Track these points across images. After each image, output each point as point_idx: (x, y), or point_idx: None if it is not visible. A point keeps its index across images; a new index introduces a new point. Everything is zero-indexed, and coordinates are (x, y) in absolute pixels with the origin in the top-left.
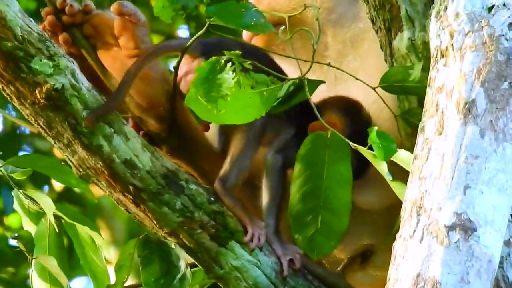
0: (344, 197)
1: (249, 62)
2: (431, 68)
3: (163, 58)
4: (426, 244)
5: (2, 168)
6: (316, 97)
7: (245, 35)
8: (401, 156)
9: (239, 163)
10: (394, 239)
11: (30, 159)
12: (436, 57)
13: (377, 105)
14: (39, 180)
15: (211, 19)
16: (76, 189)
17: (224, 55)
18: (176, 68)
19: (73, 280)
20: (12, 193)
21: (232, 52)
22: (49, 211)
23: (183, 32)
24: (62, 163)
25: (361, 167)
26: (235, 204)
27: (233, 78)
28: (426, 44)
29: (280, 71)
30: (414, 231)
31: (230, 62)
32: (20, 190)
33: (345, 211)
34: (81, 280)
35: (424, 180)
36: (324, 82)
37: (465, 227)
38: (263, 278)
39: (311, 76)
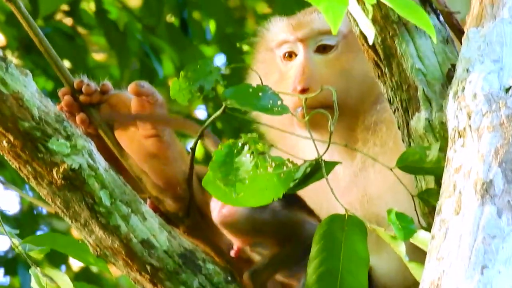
0: (361, 277)
1: (267, 144)
2: (448, 148)
3: (180, 138)
4: None
5: (19, 247)
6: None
7: None
8: (420, 237)
9: (279, 264)
10: None
11: (47, 237)
12: (454, 137)
13: (395, 186)
14: (56, 260)
15: (228, 102)
16: (94, 269)
17: None
18: (193, 149)
19: None
20: (30, 271)
21: (249, 135)
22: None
23: (201, 112)
24: (80, 242)
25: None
26: None
27: (250, 161)
28: (443, 124)
29: None
30: None
31: (247, 145)
32: (38, 268)
33: None
34: None
35: (442, 260)
36: (340, 163)
37: None
38: None
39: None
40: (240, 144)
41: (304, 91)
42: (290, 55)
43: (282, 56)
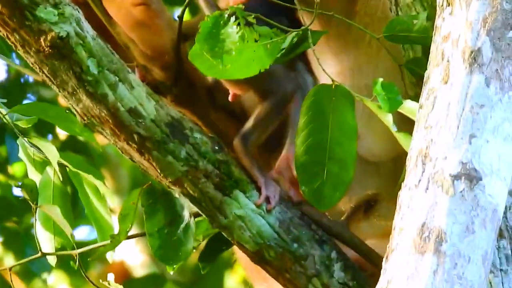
0: (350, 147)
1: (253, 15)
2: (436, 17)
3: (168, 6)
4: (431, 193)
5: (6, 116)
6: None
7: None
8: (407, 106)
9: (264, 124)
10: (399, 188)
11: (35, 107)
12: (442, 5)
13: (381, 55)
14: (43, 129)
15: None
16: (81, 138)
17: None
18: (181, 17)
19: (77, 229)
20: (17, 141)
21: (235, 6)
22: (54, 159)
23: None
24: (67, 111)
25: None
26: (252, 164)
27: (237, 33)
28: None
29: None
30: (420, 181)
31: (234, 16)
32: (25, 138)
33: (351, 162)
34: (84, 229)
35: (430, 129)
36: (328, 32)
37: (470, 176)
38: (267, 227)
39: None
40: (226, 15)
41: None
42: None
43: None
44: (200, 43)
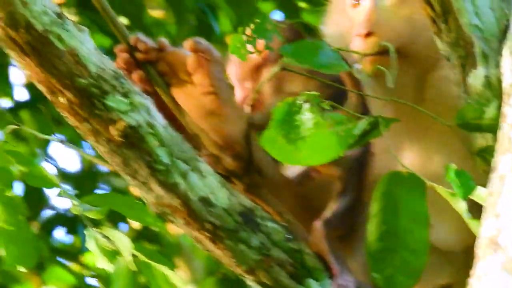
0: (422, 235)
1: (327, 102)
2: (503, 104)
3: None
4: (502, 282)
5: (78, 207)
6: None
7: None
8: (479, 193)
9: (343, 206)
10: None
11: (106, 198)
12: (509, 93)
13: (451, 143)
14: (117, 218)
15: (286, 59)
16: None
17: None
18: (252, 105)
19: None
20: (85, 232)
21: (310, 93)
22: (126, 250)
23: None
24: (138, 201)
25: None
26: (330, 250)
27: (311, 120)
28: (500, 81)
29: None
30: (490, 268)
31: (307, 103)
32: (96, 229)
33: (424, 249)
34: None
35: (499, 217)
36: (398, 120)
37: None
38: None
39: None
40: (299, 102)
41: (368, 35)
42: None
43: (351, 3)
44: (274, 129)
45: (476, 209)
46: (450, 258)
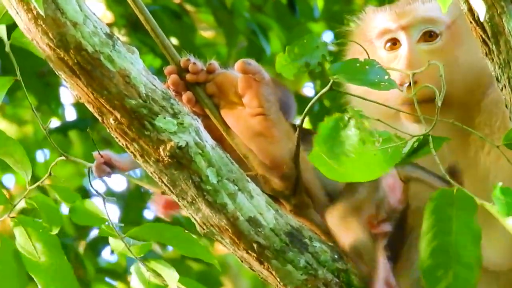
0: (474, 251)
1: (372, 118)
2: None
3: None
4: None
5: (123, 240)
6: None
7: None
8: None
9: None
10: None
11: (151, 229)
12: None
13: (500, 164)
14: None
15: (335, 77)
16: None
17: None
18: (300, 126)
19: None
20: (132, 268)
21: (355, 109)
22: (173, 283)
23: (308, 90)
24: (186, 231)
25: None
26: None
27: (356, 136)
28: None
29: None
30: None
31: (353, 120)
32: (141, 263)
33: (476, 263)
34: None
35: None
36: (449, 139)
37: None
38: None
39: None
40: (346, 118)
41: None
42: (395, 42)
43: (384, 45)
44: (319, 145)
45: None
46: (497, 277)
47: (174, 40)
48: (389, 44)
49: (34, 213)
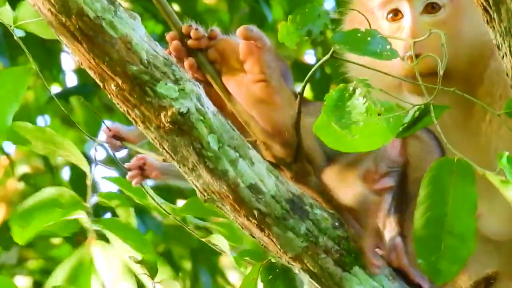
0: (469, 222)
1: (377, 88)
2: None
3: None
4: None
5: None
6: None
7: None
8: None
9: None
10: None
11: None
12: None
13: (501, 133)
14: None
15: (337, 47)
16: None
17: None
18: (301, 93)
19: None
20: None
21: (361, 78)
22: None
23: (309, 57)
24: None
25: None
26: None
27: (363, 104)
28: None
29: None
30: None
31: (359, 89)
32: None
33: (470, 236)
34: None
35: None
36: (449, 107)
37: None
38: None
39: None
40: (351, 88)
41: (417, 56)
42: (396, 13)
43: (386, 16)
44: (327, 114)
45: None
46: (498, 247)
47: (176, 7)
48: (391, 15)
49: (35, 177)
